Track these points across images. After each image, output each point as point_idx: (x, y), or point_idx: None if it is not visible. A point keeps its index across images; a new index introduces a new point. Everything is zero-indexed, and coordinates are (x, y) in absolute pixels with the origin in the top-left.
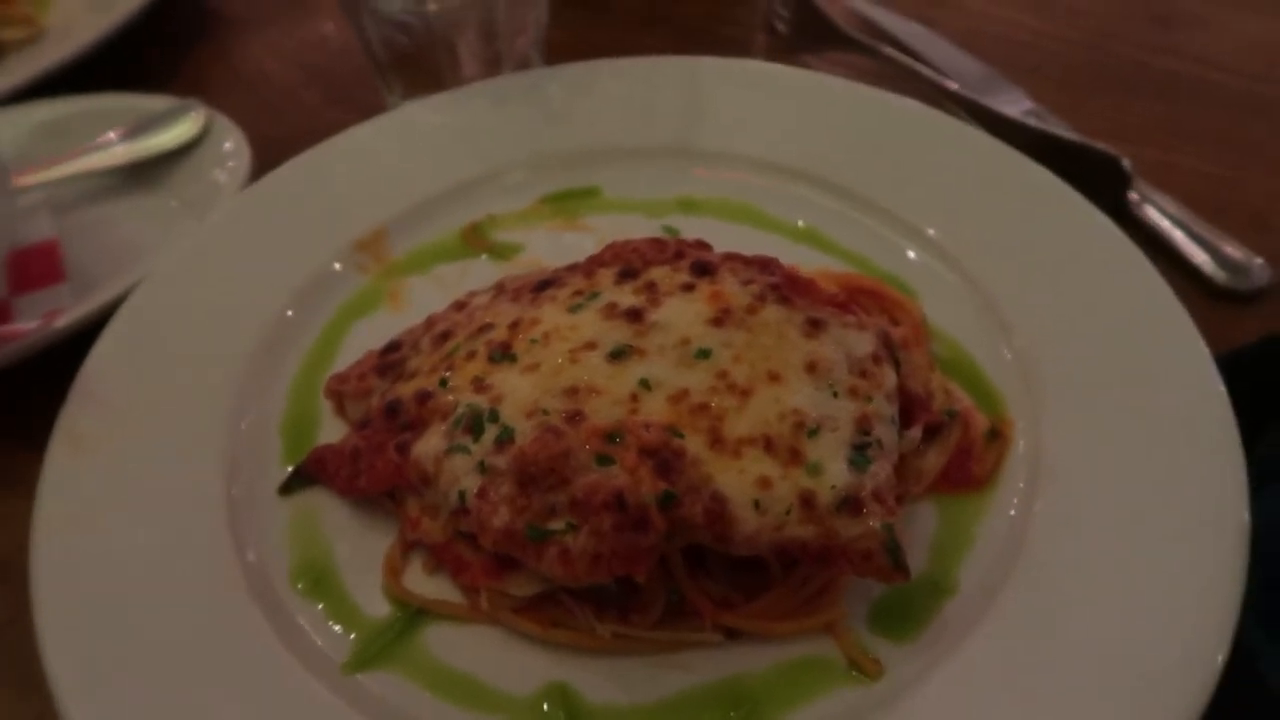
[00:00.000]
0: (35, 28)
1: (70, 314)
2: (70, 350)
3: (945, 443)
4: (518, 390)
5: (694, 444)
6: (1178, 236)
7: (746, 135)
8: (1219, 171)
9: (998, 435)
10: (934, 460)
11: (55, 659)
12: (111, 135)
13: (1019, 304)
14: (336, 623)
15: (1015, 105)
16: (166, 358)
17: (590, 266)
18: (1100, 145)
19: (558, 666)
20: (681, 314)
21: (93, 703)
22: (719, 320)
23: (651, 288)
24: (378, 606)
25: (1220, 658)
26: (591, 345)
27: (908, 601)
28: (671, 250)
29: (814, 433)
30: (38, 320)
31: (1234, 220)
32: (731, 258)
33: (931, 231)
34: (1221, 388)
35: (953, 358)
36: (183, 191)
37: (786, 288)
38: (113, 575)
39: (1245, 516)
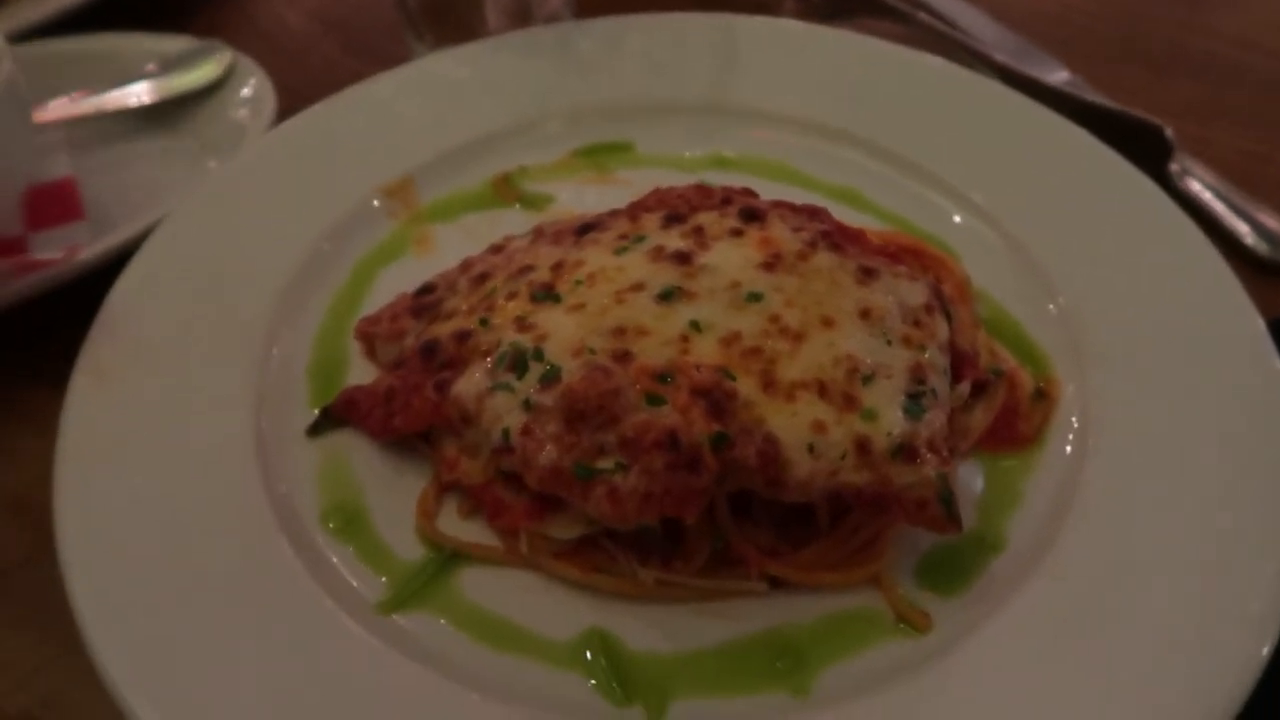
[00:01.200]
0: None
1: (92, 248)
2: (87, 289)
3: (992, 401)
4: (562, 329)
5: (746, 386)
6: (1219, 208)
7: (782, 93)
8: (1254, 148)
9: (1044, 395)
10: (981, 418)
11: (81, 595)
12: (134, 75)
13: (1064, 266)
14: (368, 564)
15: (1053, 76)
16: (191, 293)
17: (634, 211)
18: (1143, 114)
19: (597, 613)
20: (731, 258)
21: (119, 637)
22: (770, 265)
23: (699, 232)
24: (410, 550)
25: (1275, 625)
26: (639, 286)
27: (956, 557)
28: (718, 197)
29: (868, 379)
30: (60, 254)
31: (1270, 195)
32: (780, 205)
33: (974, 194)
34: (1270, 345)
35: (996, 319)
36: (204, 133)
37: (837, 236)
38: (137, 509)
39: None
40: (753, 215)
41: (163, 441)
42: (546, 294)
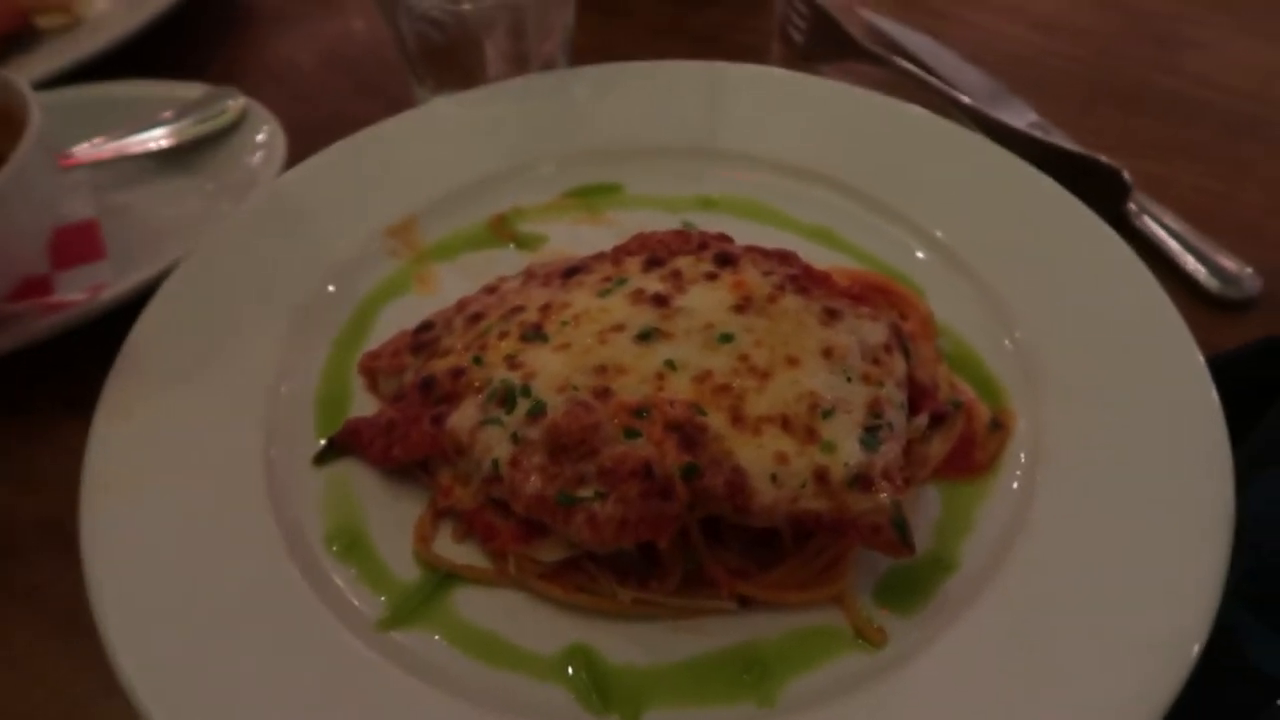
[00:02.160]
0: (72, 16)
1: (116, 287)
2: (110, 324)
3: (949, 431)
4: (549, 367)
5: (716, 421)
6: (1173, 246)
7: (764, 138)
8: (1213, 186)
9: (999, 426)
10: (939, 447)
11: (105, 613)
12: (153, 121)
13: (1022, 304)
14: (369, 585)
15: (1021, 117)
16: (206, 331)
17: (617, 255)
18: (1102, 157)
19: (580, 629)
20: (705, 300)
21: (141, 651)
22: (741, 307)
23: (677, 275)
24: (408, 571)
25: (1202, 634)
26: (620, 327)
27: (912, 577)
28: (695, 242)
29: (829, 414)
30: (82, 293)
31: (1227, 232)
32: (752, 250)
33: (940, 234)
34: (1210, 385)
35: (958, 353)
36: (219, 177)
37: (804, 279)
38: (157, 532)
39: (1230, 506)
40: (726, 260)
41: (181, 471)
42: (535, 334)
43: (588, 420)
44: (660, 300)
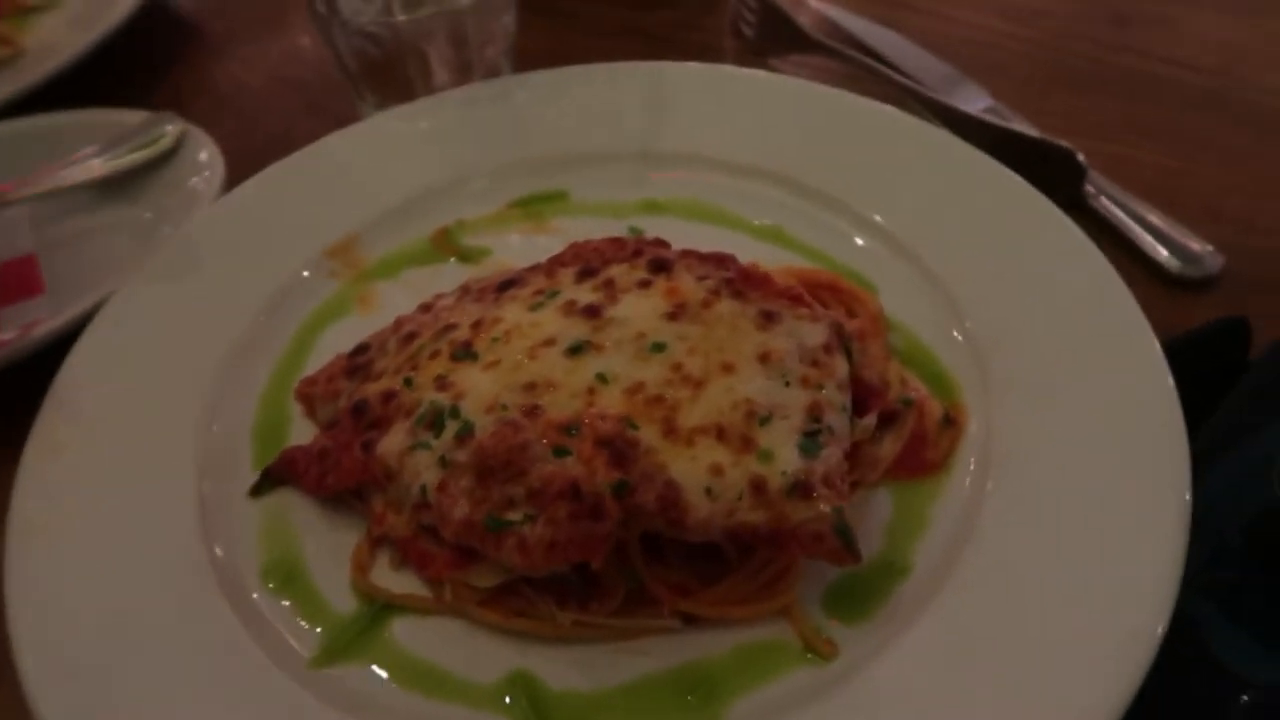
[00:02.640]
0: (15, 47)
1: (46, 325)
2: (48, 361)
3: (900, 430)
4: (478, 387)
5: (648, 434)
6: (1132, 227)
7: (709, 137)
8: (1173, 164)
9: (952, 422)
10: (889, 447)
11: (26, 659)
12: (88, 150)
13: (973, 295)
14: (306, 619)
15: (976, 103)
16: (140, 365)
17: (551, 266)
18: (1057, 140)
19: (521, 655)
20: (638, 309)
21: (63, 701)
22: (674, 315)
23: (610, 285)
24: (346, 602)
25: (1159, 629)
26: (550, 342)
27: (863, 584)
28: (630, 248)
29: (765, 421)
30: (15, 331)
31: (1187, 211)
32: (688, 254)
33: (888, 226)
34: (1166, 370)
35: (910, 348)
36: (158, 203)
37: (741, 282)
38: (85, 576)
39: (1186, 495)
40: (660, 266)
41: (110, 510)
42: (465, 352)
43: (515, 440)
44: (592, 311)
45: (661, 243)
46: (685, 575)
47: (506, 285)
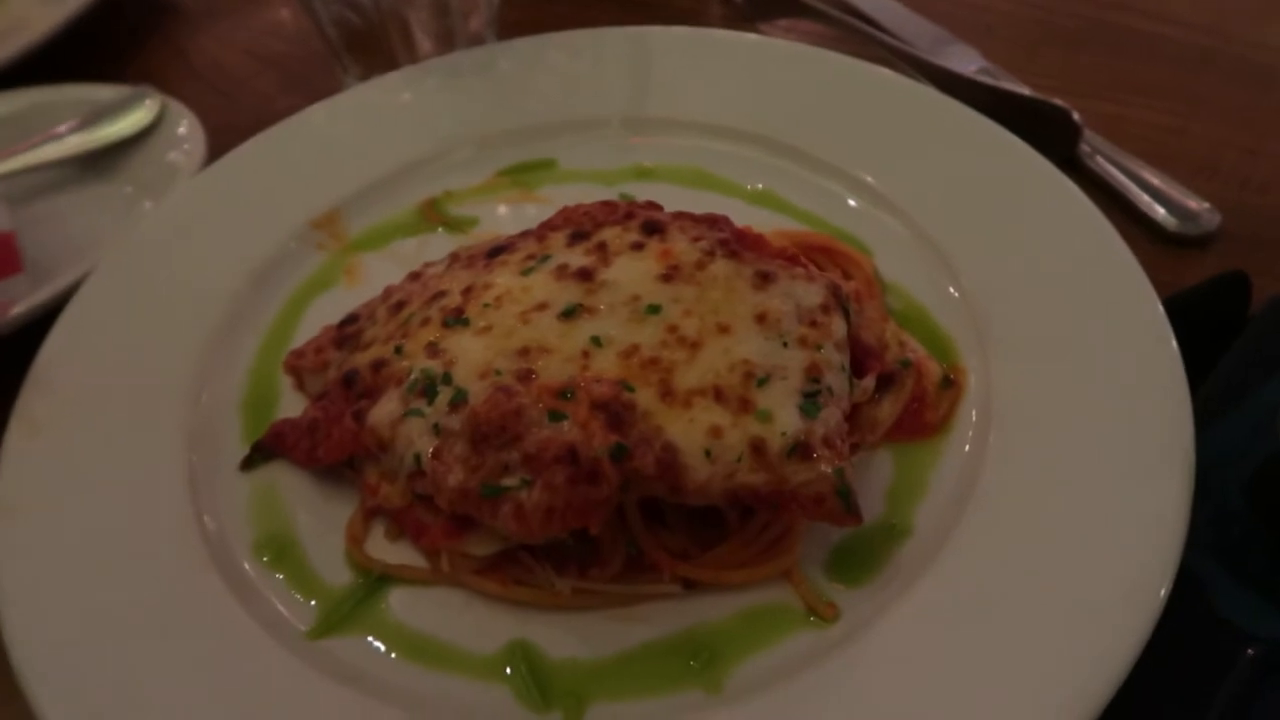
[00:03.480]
0: None
1: (24, 302)
2: (27, 340)
3: (900, 392)
4: (470, 353)
5: (645, 397)
6: (1129, 186)
7: (696, 101)
8: (1168, 121)
9: (951, 383)
10: (889, 409)
11: (17, 640)
12: (65, 126)
13: (969, 254)
14: (300, 592)
15: (968, 64)
16: (122, 341)
17: (542, 231)
18: (1051, 99)
19: (520, 624)
20: (631, 272)
21: (56, 680)
22: (668, 276)
23: (602, 248)
24: (341, 575)
25: (1164, 587)
26: (543, 306)
27: (864, 546)
28: (622, 211)
29: (763, 382)
30: None
31: (1182, 168)
32: (681, 216)
33: (881, 187)
34: (1167, 327)
35: (907, 310)
36: (138, 178)
37: (735, 243)
38: (75, 554)
39: (1190, 451)
40: (654, 228)
41: (98, 488)
42: (456, 319)
43: (509, 406)
44: (584, 274)
45: (654, 205)
46: (685, 540)
47: (497, 251)
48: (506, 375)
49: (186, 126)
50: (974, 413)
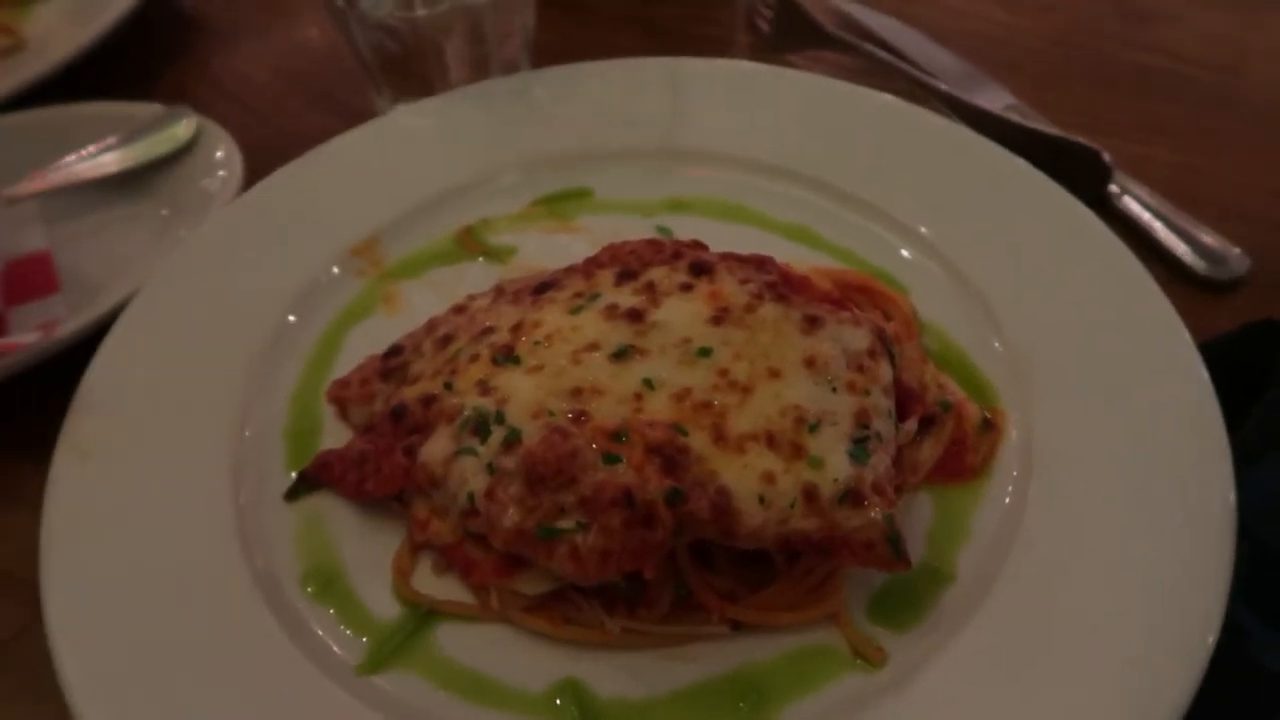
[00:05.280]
0: (15, 37)
1: (68, 324)
2: (67, 361)
3: (940, 434)
4: (522, 391)
5: (698, 441)
6: (1157, 228)
7: (732, 134)
8: (1193, 162)
9: (991, 426)
10: (929, 452)
11: (69, 668)
12: (102, 143)
13: (1007, 297)
14: (347, 626)
15: (996, 101)
16: (167, 366)
17: (589, 268)
18: (1081, 139)
19: (568, 662)
20: (681, 313)
21: (106, 707)
22: (718, 319)
23: (651, 288)
24: (388, 608)
25: (1211, 638)
26: (594, 346)
27: (908, 590)
28: (669, 251)
29: (814, 427)
30: (33, 330)
31: (1208, 211)
32: (728, 257)
33: (919, 227)
34: (1204, 374)
35: (944, 351)
36: (173, 200)
37: (783, 285)
38: (123, 584)
39: (1231, 499)
40: (702, 269)
41: (145, 515)
42: (506, 356)
43: (564, 448)
44: (635, 315)
45: (700, 245)
46: (732, 581)
47: (544, 288)
48: (559, 416)
49: (224, 149)
50: (1015, 458)
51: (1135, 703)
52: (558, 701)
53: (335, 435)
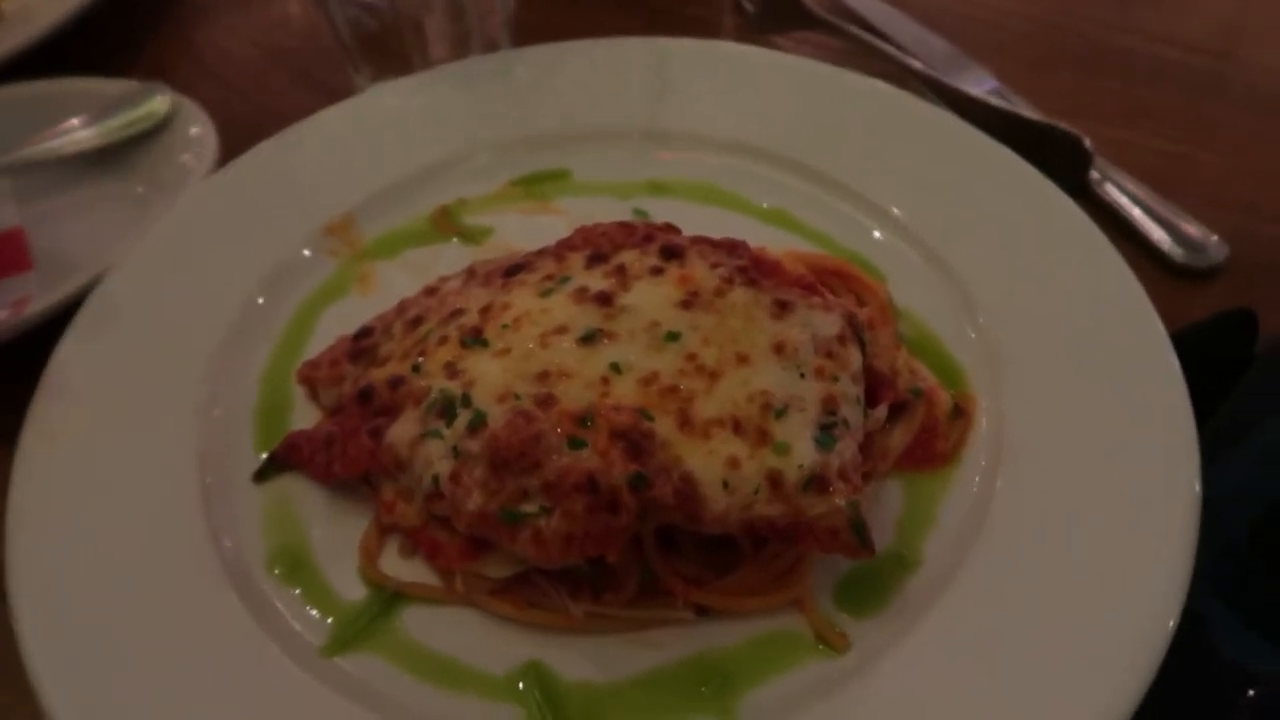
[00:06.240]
0: None
1: (39, 302)
2: (37, 340)
3: (910, 421)
4: (489, 375)
5: (664, 426)
6: (1137, 215)
7: (713, 116)
8: (1176, 149)
9: (961, 413)
10: (899, 438)
11: (33, 649)
12: (76, 120)
13: (982, 283)
14: (313, 607)
15: (980, 84)
16: (136, 347)
17: (560, 251)
18: (1062, 124)
19: (533, 646)
20: (651, 297)
21: (72, 690)
22: (688, 303)
23: (621, 271)
24: (354, 590)
25: (1171, 624)
26: (562, 329)
27: (874, 576)
28: (640, 234)
29: (781, 413)
30: (4, 309)
31: (1190, 197)
32: (699, 241)
33: (896, 211)
34: (1175, 363)
35: (918, 337)
36: (149, 177)
37: (754, 270)
38: (89, 565)
39: (1196, 489)
40: (673, 253)
41: (111, 496)
42: (475, 339)
43: (529, 431)
44: (604, 299)
45: (672, 228)
46: (698, 566)
47: (515, 270)
48: (526, 399)
49: (199, 126)
50: (985, 445)
51: (1095, 688)
52: (521, 685)
53: (305, 416)
